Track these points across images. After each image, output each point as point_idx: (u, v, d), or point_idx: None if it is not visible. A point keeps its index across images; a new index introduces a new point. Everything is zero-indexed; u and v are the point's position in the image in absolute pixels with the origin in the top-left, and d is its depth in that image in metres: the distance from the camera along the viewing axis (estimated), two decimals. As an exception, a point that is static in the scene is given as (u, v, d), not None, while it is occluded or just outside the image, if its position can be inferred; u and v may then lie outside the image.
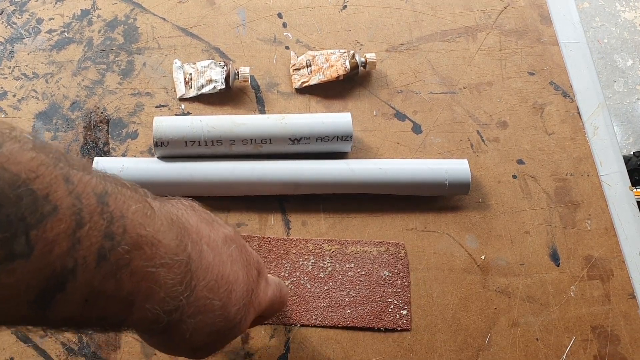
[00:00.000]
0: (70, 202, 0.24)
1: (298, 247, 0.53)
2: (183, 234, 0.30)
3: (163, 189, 0.54)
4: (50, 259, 0.23)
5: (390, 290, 0.52)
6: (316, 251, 0.53)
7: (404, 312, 0.52)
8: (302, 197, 0.56)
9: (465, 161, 0.56)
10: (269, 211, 0.55)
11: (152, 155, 0.57)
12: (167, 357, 0.49)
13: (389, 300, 0.52)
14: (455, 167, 0.56)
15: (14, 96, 0.59)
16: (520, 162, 0.60)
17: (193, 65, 0.61)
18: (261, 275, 0.37)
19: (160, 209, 0.30)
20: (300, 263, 0.52)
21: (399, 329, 0.51)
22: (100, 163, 0.54)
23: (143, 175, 0.54)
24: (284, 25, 0.65)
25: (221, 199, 0.55)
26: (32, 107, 0.59)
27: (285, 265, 0.52)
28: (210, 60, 0.61)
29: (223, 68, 0.60)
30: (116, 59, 0.62)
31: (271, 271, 0.52)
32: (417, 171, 0.55)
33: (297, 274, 0.52)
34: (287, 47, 0.64)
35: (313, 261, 0.53)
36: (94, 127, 0.58)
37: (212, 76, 0.60)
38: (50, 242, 0.23)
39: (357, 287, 0.52)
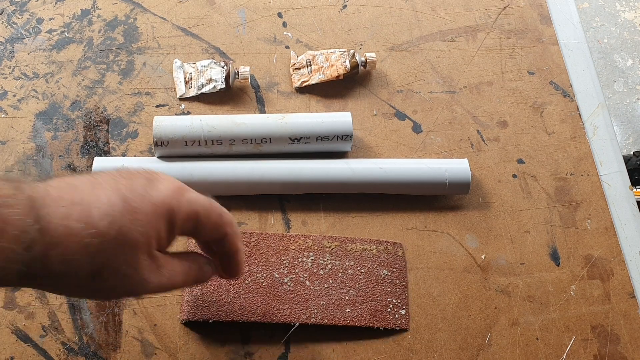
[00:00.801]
0: None
1: (297, 244, 0.53)
2: (18, 185, 0.32)
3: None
4: None
5: (389, 289, 0.52)
6: (316, 248, 0.53)
7: (402, 311, 0.52)
8: (302, 197, 0.56)
9: (466, 160, 0.56)
10: (269, 210, 0.55)
11: (153, 155, 0.57)
12: (167, 356, 0.49)
13: (388, 299, 0.52)
14: (456, 167, 0.56)
15: (14, 96, 0.59)
16: (520, 161, 0.60)
17: (193, 65, 0.61)
18: (153, 180, 0.36)
19: None
20: (300, 260, 0.52)
21: (397, 328, 0.51)
22: (100, 162, 0.54)
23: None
24: (284, 24, 0.65)
25: (221, 198, 0.55)
26: (32, 107, 0.59)
27: (285, 262, 0.52)
28: (210, 60, 0.61)
29: (223, 67, 0.60)
30: (116, 58, 0.62)
31: (270, 267, 0.52)
32: (417, 170, 0.55)
33: (297, 271, 0.52)
34: (287, 47, 0.64)
35: (313, 258, 0.53)
36: (94, 126, 0.58)
37: (212, 76, 0.60)
38: None
39: (357, 286, 0.52)
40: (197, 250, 0.42)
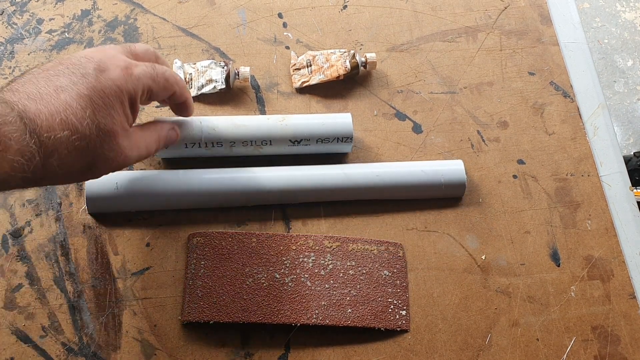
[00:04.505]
0: None
1: (298, 244, 0.53)
2: (6, 103, 0.36)
3: (157, 200, 0.54)
4: None
5: (390, 290, 0.52)
6: (317, 248, 0.53)
7: (403, 312, 0.52)
8: (303, 197, 0.56)
9: (460, 162, 0.57)
10: (269, 211, 0.55)
11: (153, 155, 0.57)
12: (167, 357, 0.49)
13: (389, 300, 0.52)
14: (451, 169, 0.56)
15: (14, 96, 0.59)
16: (520, 162, 0.60)
17: (193, 65, 0.61)
18: (102, 70, 0.40)
19: None
20: (301, 260, 0.52)
21: (398, 329, 0.51)
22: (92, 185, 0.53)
23: (139, 188, 0.53)
24: (284, 25, 0.65)
25: (220, 209, 0.55)
26: (33, 107, 0.58)
27: (285, 262, 0.52)
28: (210, 60, 0.61)
29: (223, 68, 0.60)
30: (116, 59, 0.62)
31: (270, 268, 0.52)
32: (413, 175, 0.55)
33: (298, 271, 0.52)
34: (287, 47, 0.64)
35: (314, 258, 0.53)
36: (94, 127, 0.58)
37: (212, 76, 0.60)
38: None
39: (358, 286, 0.52)
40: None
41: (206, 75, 0.60)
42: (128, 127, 0.42)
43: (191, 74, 0.60)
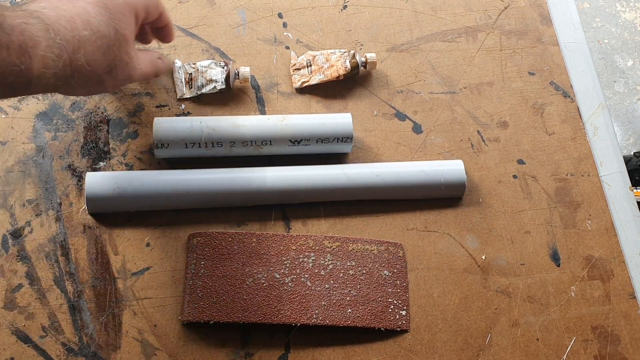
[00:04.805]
0: None
1: (298, 244, 0.53)
2: (25, 9, 0.40)
3: (156, 200, 0.53)
4: None
5: (390, 290, 0.52)
6: (317, 248, 0.53)
7: (403, 312, 0.52)
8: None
9: (460, 162, 0.57)
10: (269, 211, 0.55)
11: (153, 155, 0.57)
12: (168, 357, 0.49)
13: (389, 300, 0.52)
14: (451, 169, 0.56)
15: (14, 96, 0.59)
16: (520, 162, 0.60)
17: (193, 65, 0.61)
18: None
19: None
20: (301, 260, 0.52)
21: (398, 329, 0.51)
22: (93, 178, 0.53)
23: (139, 188, 0.53)
24: (284, 25, 0.65)
25: (220, 209, 0.55)
26: (33, 107, 0.59)
27: (285, 262, 0.52)
28: (210, 60, 0.61)
29: (223, 68, 0.60)
30: (116, 59, 0.62)
31: (270, 268, 0.52)
32: (414, 175, 0.55)
33: (298, 271, 0.52)
34: (287, 47, 0.64)
35: (314, 258, 0.53)
36: (94, 127, 0.58)
37: (212, 76, 0.60)
38: None
39: (358, 286, 0.52)
40: None
41: (206, 75, 0.60)
42: (134, 40, 0.47)
43: (191, 74, 0.60)
